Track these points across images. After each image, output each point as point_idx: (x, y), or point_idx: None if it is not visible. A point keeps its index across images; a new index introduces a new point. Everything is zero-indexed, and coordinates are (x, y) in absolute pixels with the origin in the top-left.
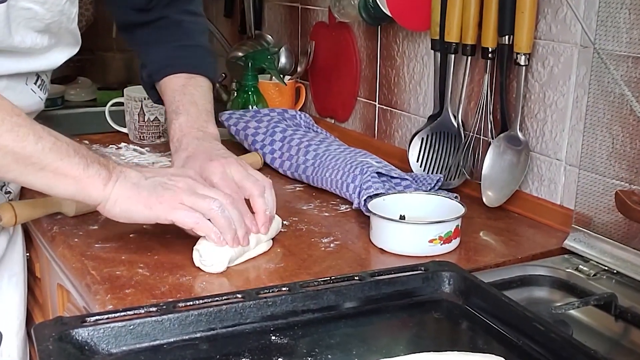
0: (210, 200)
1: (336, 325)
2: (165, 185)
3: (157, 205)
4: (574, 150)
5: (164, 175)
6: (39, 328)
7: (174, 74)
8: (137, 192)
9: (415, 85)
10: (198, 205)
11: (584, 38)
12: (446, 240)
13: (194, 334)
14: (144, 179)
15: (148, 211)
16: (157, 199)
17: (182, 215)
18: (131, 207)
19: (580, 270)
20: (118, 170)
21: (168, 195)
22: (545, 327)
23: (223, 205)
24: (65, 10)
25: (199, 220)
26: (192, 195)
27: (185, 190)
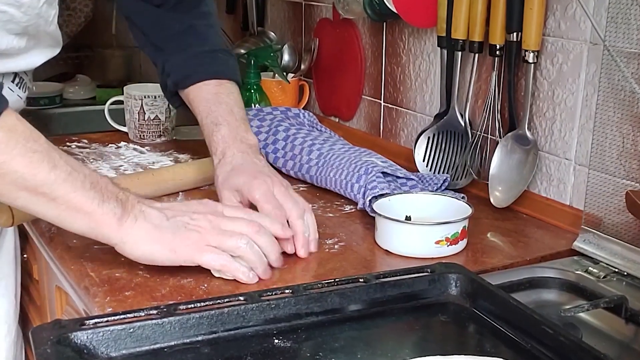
0: (237, 237)
1: (340, 328)
2: (188, 225)
3: (182, 249)
4: (584, 150)
5: (185, 213)
6: (36, 331)
7: (202, 82)
8: (160, 235)
9: (422, 83)
10: (225, 245)
11: (593, 35)
12: (453, 241)
13: (195, 337)
14: (166, 219)
15: (173, 255)
16: (182, 242)
17: (209, 258)
18: (154, 250)
19: (589, 272)
20: (138, 209)
21: (193, 237)
22: (554, 330)
23: (250, 239)
24: (42, 13)
25: (226, 262)
26: (218, 234)
27: (210, 230)
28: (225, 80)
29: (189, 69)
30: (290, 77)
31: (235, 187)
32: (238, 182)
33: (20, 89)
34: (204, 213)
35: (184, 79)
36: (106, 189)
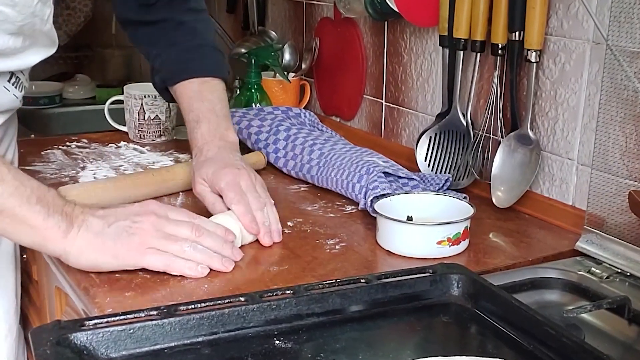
0: (181, 241)
1: (342, 329)
2: (129, 229)
3: (124, 254)
4: (586, 150)
5: (127, 217)
6: (36, 332)
7: (187, 80)
8: (102, 242)
9: (423, 82)
10: (168, 249)
11: (596, 34)
12: (455, 241)
13: (195, 338)
14: (107, 226)
15: (116, 261)
16: (123, 247)
17: (151, 259)
18: (98, 258)
19: (592, 273)
20: (81, 219)
21: (134, 241)
22: (556, 331)
23: (194, 242)
24: (37, 12)
25: (169, 262)
26: (161, 238)
27: (152, 233)
28: (210, 78)
29: (175, 66)
30: (291, 76)
31: (204, 176)
32: (207, 172)
33: (17, 88)
34: (146, 216)
35: (171, 77)
36: (52, 203)
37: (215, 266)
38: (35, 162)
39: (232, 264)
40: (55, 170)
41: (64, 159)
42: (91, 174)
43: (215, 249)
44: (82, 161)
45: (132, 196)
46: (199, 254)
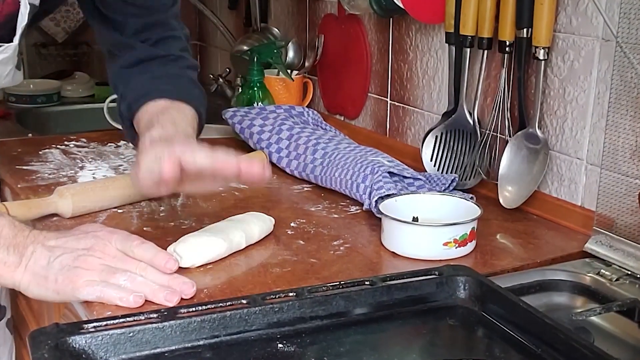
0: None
1: (346, 332)
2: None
3: (64, 289)
4: (596, 149)
5: (73, 250)
6: (34, 335)
7: (153, 100)
8: (44, 278)
9: (429, 80)
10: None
11: (606, 31)
12: (461, 243)
13: (196, 341)
14: (53, 259)
15: (58, 296)
16: (64, 282)
17: (85, 293)
18: (41, 293)
19: (602, 275)
20: (30, 250)
21: (74, 275)
22: (565, 334)
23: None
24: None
25: (100, 293)
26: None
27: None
28: (183, 104)
29: (143, 90)
30: (294, 74)
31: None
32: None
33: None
34: (92, 250)
35: (136, 100)
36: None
37: (156, 299)
38: (33, 162)
39: (177, 296)
40: (53, 170)
41: (62, 158)
42: (90, 174)
43: (160, 282)
44: (81, 161)
45: (132, 196)
46: (137, 285)
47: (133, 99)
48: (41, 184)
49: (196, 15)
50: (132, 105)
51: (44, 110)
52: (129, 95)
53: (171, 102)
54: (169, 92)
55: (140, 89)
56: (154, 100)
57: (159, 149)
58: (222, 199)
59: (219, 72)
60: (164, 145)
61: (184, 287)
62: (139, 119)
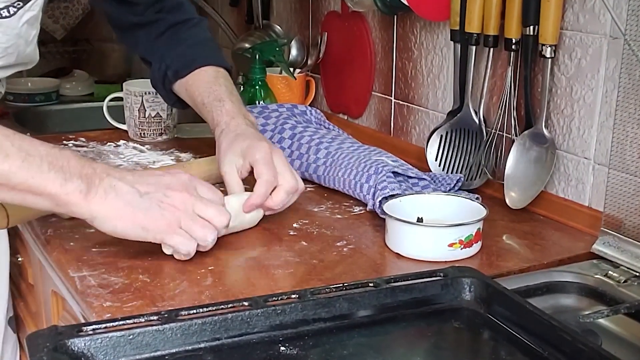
0: (208, 230)
1: (349, 335)
2: (161, 204)
3: (153, 228)
4: (603, 148)
5: (159, 189)
6: (32, 338)
7: (201, 68)
8: (132, 212)
9: (434, 78)
10: (194, 234)
11: (613, 28)
12: (467, 244)
13: (197, 344)
14: (139, 195)
15: (144, 233)
16: (154, 221)
17: (177, 241)
18: (126, 226)
19: (609, 277)
20: (107, 183)
21: (166, 217)
22: (572, 337)
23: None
24: (22, 34)
25: (191, 251)
26: (190, 219)
27: (183, 212)
28: (222, 68)
29: (187, 57)
30: (297, 72)
31: (240, 150)
32: (243, 145)
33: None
34: (178, 191)
35: (184, 67)
36: (68, 167)
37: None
38: None
39: None
40: None
41: None
42: None
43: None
44: None
45: None
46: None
47: (180, 66)
48: None
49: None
50: (180, 71)
51: (43, 109)
52: (174, 63)
53: (216, 69)
54: (210, 58)
55: (183, 56)
56: (201, 67)
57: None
58: None
59: None
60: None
61: None
62: (191, 84)
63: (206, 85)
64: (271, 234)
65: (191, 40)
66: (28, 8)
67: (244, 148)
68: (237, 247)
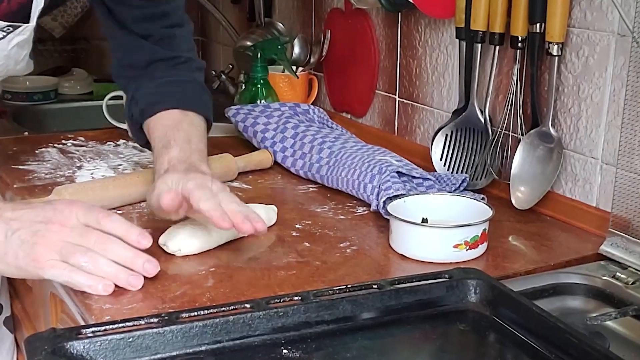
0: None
1: (353, 337)
2: (31, 239)
3: (26, 266)
4: (611, 148)
5: (32, 224)
6: (30, 340)
7: (166, 110)
8: (4, 252)
9: (439, 77)
10: (70, 260)
11: (621, 26)
12: (472, 245)
13: (198, 347)
14: (11, 233)
15: (20, 272)
16: (24, 259)
17: (52, 274)
18: (1, 268)
19: (617, 278)
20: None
21: (36, 252)
22: (579, 339)
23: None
24: (12, 55)
25: (68, 278)
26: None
27: (54, 243)
28: (192, 113)
29: (156, 97)
30: (299, 71)
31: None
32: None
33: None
34: (50, 224)
35: (149, 107)
36: None
37: (120, 283)
38: (30, 161)
39: (141, 280)
40: (50, 169)
41: (60, 157)
42: (88, 174)
43: (124, 261)
44: (79, 160)
45: (132, 195)
46: (98, 269)
47: (146, 105)
48: (38, 184)
49: (198, 10)
50: (145, 111)
51: (41, 108)
52: (140, 101)
53: (184, 113)
54: (181, 101)
55: (152, 95)
56: (167, 110)
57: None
58: None
59: (221, 69)
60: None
61: (148, 266)
62: (152, 128)
63: (162, 131)
64: (273, 235)
65: (167, 77)
66: (18, 32)
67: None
68: (239, 248)
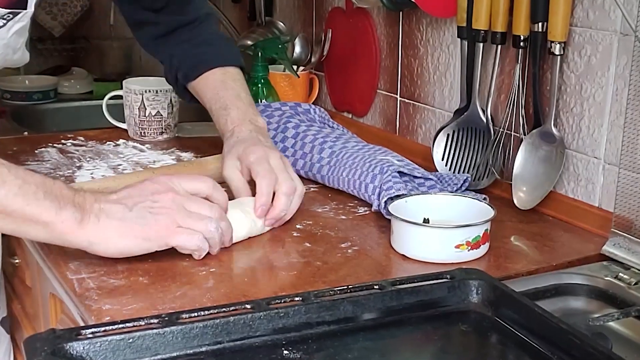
0: (207, 220)
1: (354, 338)
2: (152, 210)
3: (154, 235)
4: (614, 148)
5: (145, 197)
6: (30, 341)
7: (208, 72)
8: (129, 227)
9: (440, 76)
10: (196, 227)
11: (624, 25)
12: (474, 245)
13: (198, 347)
14: (128, 210)
15: (148, 243)
16: (152, 228)
17: (183, 239)
18: (128, 243)
19: (620, 279)
20: (97, 208)
21: (162, 221)
22: (582, 340)
23: (218, 223)
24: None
25: (200, 244)
26: (186, 216)
27: (176, 211)
28: (230, 67)
29: (194, 59)
30: (300, 70)
31: (236, 154)
32: (239, 149)
33: None
34: (163, 192)
35: (192, 70)
36: (61, 195)
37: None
38: (29, 161)
39: None
40: (49, 169)
41: (59, 157)
42: (88, 174)
43: (226, 232)
44: (79, 160)
45: None
46: (218, 237)
47: (188, 69)
48: None
49: None
50: (188, 75)
51: (40, 108)
52: (182, 66)
53: (224, 70)
54: (218, 59)
55: (190, 58)
56: (209, 70)
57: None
58: None
59: None
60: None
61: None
62: (200, 90)
63: (213, 91)
64: (274, 235)
65: (196, 40)
66: (18, 19)
67: (240, 152)
68: (240, 249)
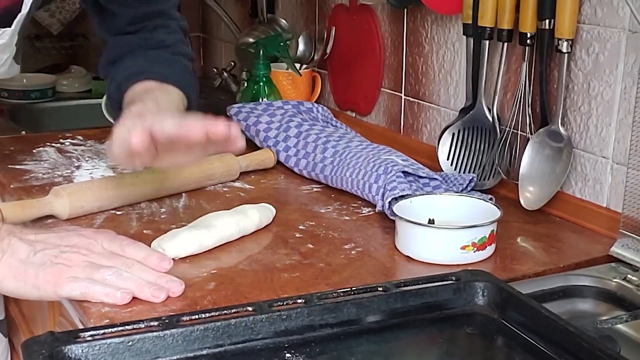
0: (105, 269)
1: (358, 341)
2: (54, 259)
3: (44, 285)
4: (622, 147)
5: (57, 246)
6: (27, 344)
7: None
8: (24, 271)
9: (446, 74)
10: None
11: (633, 22)
12: (480, 246)
13: (199, 350)
14: (34, 254)
15: (37, 292)
16: (44, 278)
17: (67, 289)
18: (19, 287)
19: (628, 280)
20: (6, 242)
21: (56, 271)
22: (589, 343)
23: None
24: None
25: (85, 290)
26: (85, 267)
27: (77, 263)
28: (171, 86)
29: (133, 70)
30: (303, 68)
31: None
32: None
33: None
34: (77, 247)
35: (126, 79)
36: None
37: (142, 295)
38: (27, 161)
39: (164, 293)
40: (48, 169)
41: (58, 157)
42: (87, 174)
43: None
44: (77, 160)
45: (131, 195)
46: (123, 281)
47: (122, 79)
48: (35, 184)
49: (199, 6)
50: (122, 85)
51: (38, 106)
52: (118, 76)
53: (160, 84)
54: (159, 74)
55: (130, 69)
56: (143, 81)
57: (131, 121)
58: (226, 200)
59: (223, 66)
60: (138, 117)
61: (172, 284)
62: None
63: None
64: (276, 236)
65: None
66: None
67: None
68: (241, 250)
